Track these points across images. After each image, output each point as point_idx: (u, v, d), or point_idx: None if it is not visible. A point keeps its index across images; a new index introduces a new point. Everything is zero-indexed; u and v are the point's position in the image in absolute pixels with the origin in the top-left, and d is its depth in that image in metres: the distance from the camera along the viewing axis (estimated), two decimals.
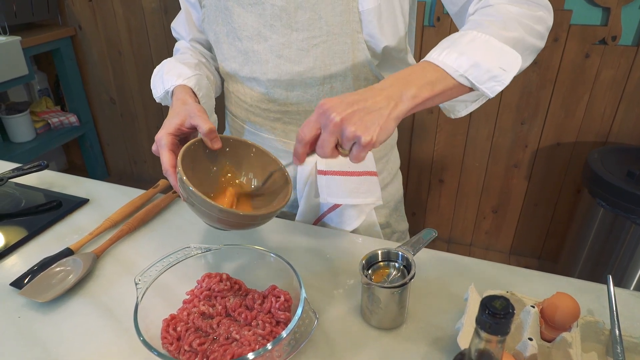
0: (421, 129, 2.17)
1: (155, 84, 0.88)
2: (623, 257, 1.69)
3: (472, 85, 0.63)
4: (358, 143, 0.57)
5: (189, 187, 0.61)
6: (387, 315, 0.64)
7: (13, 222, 0.92)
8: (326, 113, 0.57)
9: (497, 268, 0.78)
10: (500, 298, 0.40)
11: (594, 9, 1.73)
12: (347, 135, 0.57)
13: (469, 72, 0.61)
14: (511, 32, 0.65)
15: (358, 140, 0.57)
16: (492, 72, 0.62)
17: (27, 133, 2.53)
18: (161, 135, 0.69)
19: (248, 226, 0.67)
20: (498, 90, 0.64)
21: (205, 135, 0.69)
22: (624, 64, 1.76)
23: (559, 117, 1.94)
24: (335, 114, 0.57)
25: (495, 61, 0.62)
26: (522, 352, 0.55)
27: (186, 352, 0.58)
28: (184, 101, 0.76)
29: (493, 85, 0.63)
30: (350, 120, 0.57)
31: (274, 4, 0.77)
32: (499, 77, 0.63)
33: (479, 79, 0.62)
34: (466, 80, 0.62)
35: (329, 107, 0.58)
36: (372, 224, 0.95)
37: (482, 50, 0.62)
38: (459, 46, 0.63)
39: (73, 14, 2.58)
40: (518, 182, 2.14)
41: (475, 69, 0.62)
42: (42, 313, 0.69)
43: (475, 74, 0.62)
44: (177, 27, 0.99)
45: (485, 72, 0.62)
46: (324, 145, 0.59)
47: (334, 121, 0.57)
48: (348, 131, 0.57)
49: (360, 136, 0.56)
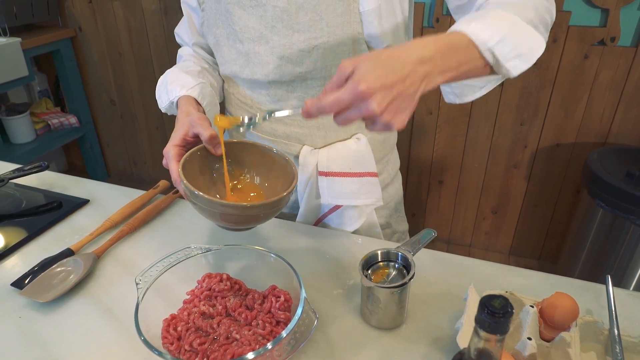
0: (420, 130, 2.17)
1: (160, 94, 0.88)
2: (622, 258, 1.69)
3: (494, 61, 0.61)
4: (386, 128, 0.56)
5: (191, 189, 0.62)
6: (387, 315, 0.64)
7: (14, 223, 0.92)
8: (365, 99, 0.53)
9: (497, 268, 0.78)
10: (499, 297, 0.40)
11: (593, 10, 1.73)
12: (381, 123, 0.55)
13: (497, 46, 0.59)
14: (530, 14, 0.64)
15: (389, 127, 0.56)
16: (519, 49, 0.60)
17: (27, 134, 2.54)
18: (168, 149, 0.71)
19: (254, 219, 0.67)
20: (521, 71, 0.62)
21: (206, 142, 0.70)
22: (623, 65, 1.76)
23: (559, 118, 1.94)
24: (375, 105, 0.53)
25: (522, 39, 0.61)
26: (521, 352, 0.55)
27: (186, 352, 0.58)
28: (187, 112, 0.77)
29: (517, 63, 0.61)
30: (388, 111, 0.54)
31: (276, 5, 0.77)
32: (525, 55, 0.61)
33: (505, 55, 0.60)
34: (491, 55, 0.60)
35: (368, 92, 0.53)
36: (372, 224, 0.96)
37: (510, 27, 0.61)
38: (485, 19, 0.61)
39: (73, 15, 2.59)
40: (517, 182, 2.15)
41: (503, 43, 0.59)
42: (42, 313, 0.69)
43: (502, 49, 0.60)
44: (180, 33, 1.00)
45: (512, 49, 0.60)
46: (348, 120, 0.56)
47: (372, 111, 0.53)
48: (383, 120, 0.55)
49: (392, 125, 0.55)
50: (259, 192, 0.76)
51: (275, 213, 0.68)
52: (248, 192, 0.76)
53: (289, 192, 0.66)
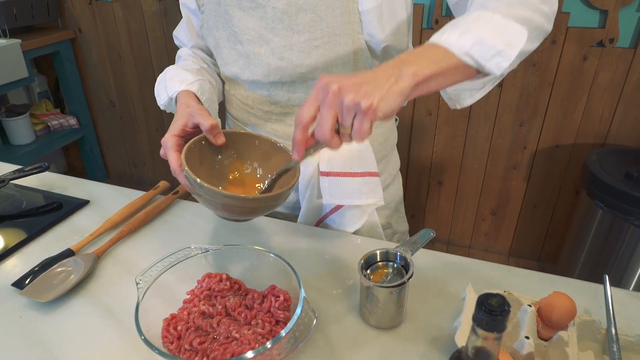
0: (420, 130, 2.18)
1: (158, 91, 0.89)
2: (622, 259, 1.69)
3: (477, 64, 0.61)
4: (359, 111, 0.55)
5: (193, 178, 0.62)
6: (386, 315, 0.64)
7: (14, 224, 0.92)
8: (324, 86, 0.56)
9: (495, 268, 0.78)
10: (497, 296, 0.41)
11: (592, 11, 1.74)
12: (347, 104, 0.55)
13: (473, 50, 0.60)
14: (517, 11, 0.64)
15: (358, 107, 0.54)
16: (496, 47, 0.60)
17: (27, 135, 2.54)
18: (167, 138, 0.71)
19: (255, 211, 0.67)
20: (504, 67, 0.62)
21: (207, 131, 0.70)
22: (622, 66, 1.77)
23: (558, 119, 1.95)
24: (334, 85, 0.55)
25: (499, 37, 0.61)
26: (519, 351, 0.56)
27: (186, 351, 0.59)
28: (187, 104, 0.77)
29: (499, 61, 0.61)
30: (350, 89, 0.55)
31: (275, 7, 0.78)
32: (504, 52, 0.61)
33: (484, 55, 0.60)
34: (471, 59, 0.60)
35: (327, 80, 0.56)
36: (374, 224, 0.96)
37: (486, 26, 0.61)
38: (462, 25, 0.61)
39: (73, 17, 2.59)
40: (517, 183, 2.15)
41: (479, 45, 0.60)
42: (43, 313, 0.70)
43: (479, 51, 0.60)
44: (178, 35, 1.00)
45: (489, 49, 0.60)
46: (322, 122, 0.56)
47: (332, 91, 0.55)
48: (347, 99, 0.54)
49: (359, 101, 0.54)
50: (260, 183, 0.76)
51: (276, 206, 0.68)
52: (249, 183, 0.76)
53: (291, 187, 0.66)
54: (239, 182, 0.76)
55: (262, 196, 0.65)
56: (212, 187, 0.61)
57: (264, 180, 0.76)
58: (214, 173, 0.73)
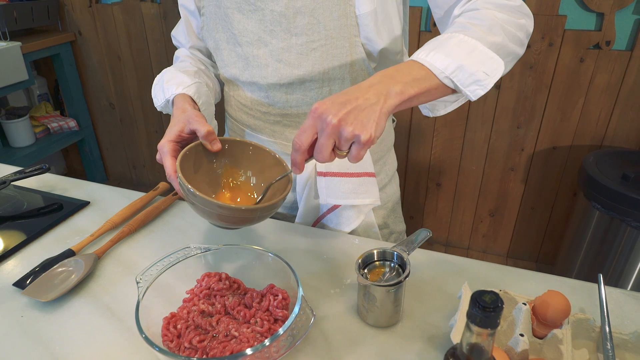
0: (418, 133, 2.19)
1: (156, 93, 0.89)
2: (619, 259, 1.70)
3: (455, 87, 0.65)
4: (357, 142, 0.58)
5: (187, 186, 0.62)
6: (383, 314, 0.65)
7: (15, 225, 0.93)
8: (322, 117, 0.58)
9: (492, 268, 0.79)
10: (490, 293, 0.41)
11: (588, 14, 1.75)
12: (346, 136, 0.58)
13: (454, 75, 0.63)
14: (495, 37, 0.67)
15: (357, 139, 0.58)
16: (475, 76, 0.64)
17: (27, 138, 2.55)
18: (163, 143, 0.72)
19: (250, 221, 0.68)
20: (479, 95, 0.66)
21: (204, 138, 0.71)
22: (618, 69, 1.78)
23: (555, 121, 1.96)
24: (331, 117, 0.57)
25: (479, 65, 0.64)
26: (513, 348, 0.56)
27: (186, 349, 0.59)
28: (183, 109, 0.78)
29: (475, 89, 0.65)
30: (347, 121, 0.57)
31: (274, 9, 0.79)
32: (482, 81, 0.64)
33: (463, 81, 0.64)
34: (450, 82, 0.64)
35: (323, 110, 0.58)
36: (370, 224, 0.97)
37: (468, 54, 0.64)
38: (446, 48, 0.64)
39: (73, 20, 2.60)
40: (515, 185, 2.16)
41: (460, 71, 0.63)
42: (44, 312, 0.70)
43: (459, 76, 0.64)
44: (177, 36, 1.01)
45: (469, 76, 0.64)
46: (322, 149, 0.59)
47: (332, 124, 0.57)
48: (346, 131, 0.57)
49: (359, 135, 0.57)
50: (253, 192, 0.77)
51: (269, 215, 0.69)
52: (243, 191, 0.77)
53: (283, 197, 0.68)
54: (232, 189, 0.76)
55: (255, 207, 0.65)
56: (206, 197, 0.61)
57: (258, 188, 0.77)
58: (208, 180, 0.74)
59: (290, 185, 0.70)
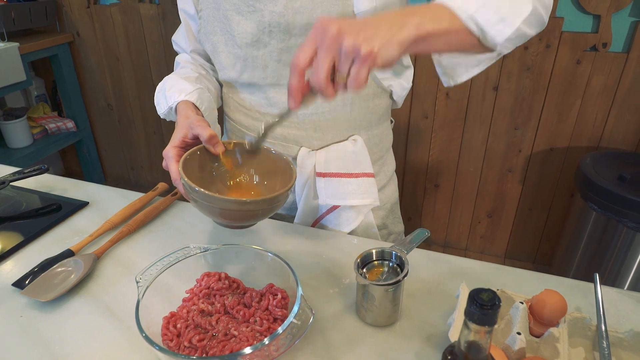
0: (416, 134, 2.20)
1: (158, 100, 0.90)
2: (615, 260, 1.71)
3: (480, 30, 0.61)
4: (357, 57, 0.52)
5: (190, 185, 0.63)
6: (382, 313, 0.66)
7: (13, 225, 0.93)
8: (323, 26, 0.53)
9: (489, 267, 0.80)
10: (487, 291, 0.42)
11: (585, 16, 1.76)
12: (346, 48, 0.52)
13: (478, 13, 0.60)
14: None
15: (357, 52, 0.52)
16: (501, 13, 0.61)
17: (25, 139, 2.55)
18: (168, 150, 0.72)
19: (254, 216, 0.68)
20: (506, 35, 0.62)
21: (206, 142, 0.71)
22: (615, 71, 1.79)
23: (552, 123, 1.97)
24: (333, 26, 0.53)
25: (504, 3, 0.61)
26: (511, 346, 0.57)
27: (186, 348, 0.60)
28: (186, 116, 0.79)
29: (502, 28, 0.61)
30: (349, 32, 0.52)
31: (273, 10, 0.79)
32: (508, 18, 0.61)
33: (488, 20, 0.60)
34: (474, 24, 0.60)
35: (327, 21, 0.53)
36: (369, 225, 0.97)
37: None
38: None
39: (71, 21, 2.61)
40: (512, 186, 2.17)
41: (484, 9, 0.60)
42: (44, 312, 0.71)
43: (484, 15, 0.60)
44: (177, 40, 1.02)
45: (494, 13, 0.60)
46: (318, 67, 0.53)
47: (331, 33, 0.52)
48: (347, 43, 0.52)
49: (359, 46, 0.52)
50: (257, 190, 0.77)
51: (273, 210, 0.69)
52: (246, 190, 0.77)
53: (287, 189, 0.67)
54: (236, 190, 0.77)
55: (259, 199, 0.65)
56: (209, 192, 0.62)
57: (261, 187, 0.77)
58: (211, 181, 0.75)
59: (294, 180, 0.70)
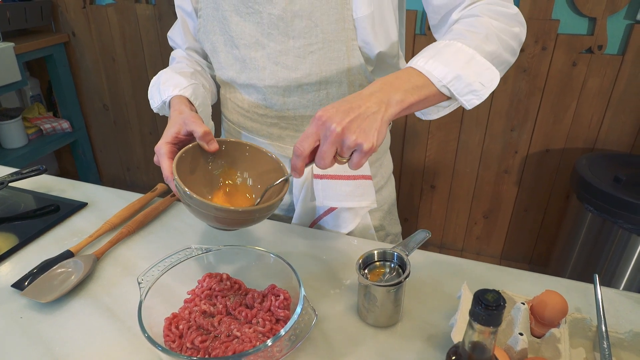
0: (413, 135, 2.20)
1: (152, 94, 0.89)
2: (611, 261, 1.72)
3: (451, 95, 0.67)
4: (359, 150, 0.59)
5: (183, 189, 0.62)
6: (383, 314, 0.66)
7: (11, 226, 0.93)
8: (325, 124, 0.59)
9: (489, 268, 0.80)
10: (492, 291, 0.42)
11: (581, 18, 1.77)
12: (349, 144, 0.59)
13: (451, 84, 0.65)
14: (491, 46, 0.69)
15: (360, 147, 0.59)
16: (472, 86, 0.66)
17: (19, 139, 2.53)
18: (160, 145, 0.72)
19: (247, 222, 0.68)
20: (475, 104, 0.68)
21: (200, 139, 0.71)
22: (610, 73, 1.80)
23: (548, 124, 1.98)
24: (335, 125, 0.58)
25: (476, 76, 0.66)
26: (513, 347, 0.57)
27: (188, 349, 0.60)
28: (180, 111, 0.78)
29: (471, 98, 0.67)
30: (350, 129, 0.59)
31: (272, 12, 0.79)
32: (478, 91, 0.67)
33: (459, 91, 0.66)
34: (447, 90, 0.66)
35: (327, 118, 0.59)
36: (367, 226, 0.97)
37: (465, 63, 0.66)
38: (443, 56, 0.66)
39: (67, 21, 2.59)
40: (508, 187, 2.18)
41: (457, 81, 0.65)
42: (44, 313, 0.70)
43: (456, 86, 0.65)
44: (173, 36, 1.01)
45: (466, 86, 0.66)
46: (324, 156, 0.60)
47: (335, 132, 0.58)
48: (349, 140, 0.58)
49: (362, 144, 0.59)
50: (250, 193, 0.77)
51: (266, 216, 0.69)
52: (240, 192, 0.77)
53: (280, 198, 0.68)
54: (229, 190, 0.76)
55: (252, 208, 0.65)
56: (202, 199, 0.61)
57: (255, 189, 0.77)
58: (205, 181, 0.74)
59: (287, 187, 0.70)
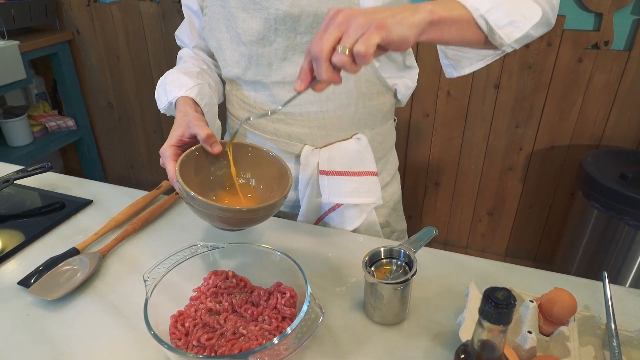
0: (417, 132, 2.19)
1: (159, 95, 0.89)
2: (617, 258, 1.71)
3: (489, 29, 0.62)
4: (369, 28, 0.53)
5: (187, 190, 0.62)
6: (390, 311, 0.65)
7: (17, 224, 0.93)
8: (336, 11, 0.55)
9: (495, 266, 0.80)
10: (502, 289, 0.42)
11: (587, 14, 1.76)
12: (357, 23, 0.53)
13: (489, 13, 0.61)
14: None
15: (369, 25, 0.53)
16: (512, 16, 0.62)
17: (25, 137, 2.54)
18: (165, 148, 0.72)
19: (251, 222, 0.68)
20: (514, 38, 0.63)
21: (204, 141, 0.71)
22: (616, 68, 1.79)
23: (553, 121, 1.97)
24: (346, 10, 0.54)
25: (516, 7, 0.62)
26: (521, 345, 0.57)
27: (194, 347, 0.59)
28: (185, 113, 0.78)
29: (511, 31, 0.63)
30: (363, 12, 0.54)
31: (279, 8, 0.79)
32: (517, 22, 0.62)
33: (498, 22, 0.61)
34: (484, 23, 0.61)
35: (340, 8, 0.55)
36: (372, 223, 0.97)
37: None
38: None
39: (71, 19, 2.59)
40: (513, 184, 2.17)
41: (496, 10, 0.61)
42: (50, 311, 0.70)
43: (495, 15, 0.61)
44: (180, 35, 1.01)
45: (505, 16, 0.62)
46: (323, 37, 0.53)
47: (344, 12, 0.54)
48: (359, 19, 0.53)
49: (372, 21, 0.53)
50: (253, 193, 0.77)
51: (269, 216, 0.69)
52: (243, 192, 0.77)
53: (284, 196, 0.68)
54: (232, 191, 0.76)
55: (256, 207, 0.65)
56: (206, 200, 0.61)
57: (258, 189, 0.77)
58: (208, 183, 0.74)
59: (290, 184, 0.70)
